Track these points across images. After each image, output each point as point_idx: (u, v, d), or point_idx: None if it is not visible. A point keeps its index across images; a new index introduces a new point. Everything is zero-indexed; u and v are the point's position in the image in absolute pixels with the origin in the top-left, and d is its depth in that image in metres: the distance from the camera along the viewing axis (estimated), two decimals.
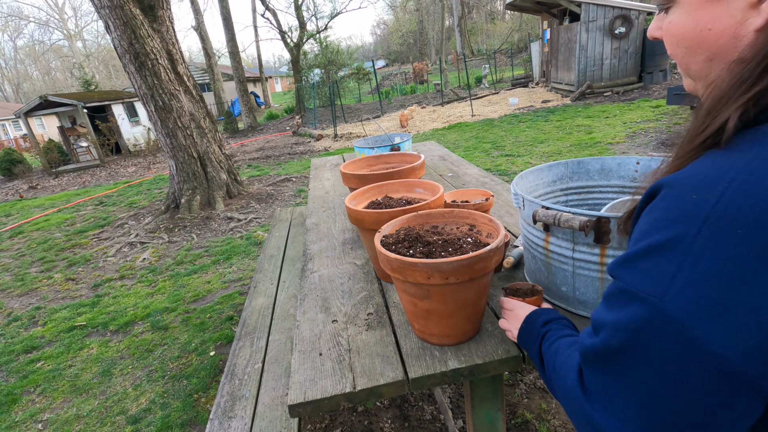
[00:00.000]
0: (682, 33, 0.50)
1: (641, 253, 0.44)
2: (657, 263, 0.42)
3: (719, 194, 0.40)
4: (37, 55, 52.33)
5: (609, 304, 0.48)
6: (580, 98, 9.95)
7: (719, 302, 0.38)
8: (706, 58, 0.49)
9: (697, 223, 0.40)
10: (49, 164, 11.62)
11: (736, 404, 0.39)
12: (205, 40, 17.06)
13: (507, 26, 33.92)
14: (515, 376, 2.18)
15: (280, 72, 49.33)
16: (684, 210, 0.42)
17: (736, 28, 0.45)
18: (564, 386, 0.58)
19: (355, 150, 2.29)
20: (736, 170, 0.40)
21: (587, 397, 0.50)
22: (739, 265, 0.37)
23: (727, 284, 0.38)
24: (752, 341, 0.37)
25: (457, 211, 1.08)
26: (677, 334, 0.40)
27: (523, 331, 0.81)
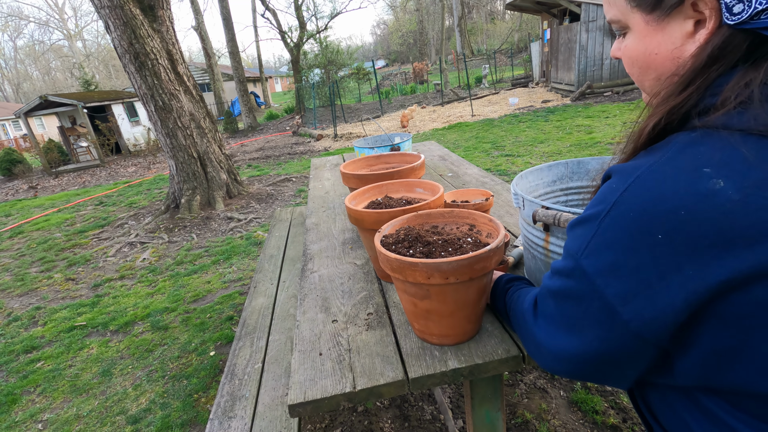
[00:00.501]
0: (635, 55, 0.60)
1: (578, 221, 0.58)
2: (582, 230, 0.56)
3: (627, 185, 0.51)
4: (37, 55, 52.33)
5: (561, 258, 0.62)
6: (580, 98, 9.95)
7: (614, 264, 0.51)
8: (655, 77, 0.58)
9: (609, 204, 0.52)
10: (49, 164, 11.62)
11: (623, 341, 0.53)
12: (205, 40, 17.06)
13: (507, 26, 33.92)
14: (515, 376, 2.18)
15: (280, 72, 49.33)
16: (606, 194, 0.54)
17: (676, 52, 0.54)
18: (519, 314, 0.76)
19: (355, 150, 2.29)
20: (643, 168, 0.51)
21: (535, 320, 0.67)
22: (627, 239, 0.50)
23: (620, 252, 0.51)
24: (632, 295, 0.50)
25: (457, 211, 1.08)
26: (587, 282, 0.54)
27: (492, 291, 0.98)
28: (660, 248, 0.48)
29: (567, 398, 2.02)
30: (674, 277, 0.47)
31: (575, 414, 1.92)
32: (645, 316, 0.50)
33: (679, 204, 0.46)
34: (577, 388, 2.07)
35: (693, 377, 0.52)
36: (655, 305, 0.49)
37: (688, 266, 0.46)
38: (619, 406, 1.93)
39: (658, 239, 0.48)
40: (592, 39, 9.60)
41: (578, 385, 2.08)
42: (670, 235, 0.47)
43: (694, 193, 0.46)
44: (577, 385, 2.09)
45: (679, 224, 0.46)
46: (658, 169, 0.50)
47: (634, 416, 1.86)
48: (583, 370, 0.60)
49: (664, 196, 0.48)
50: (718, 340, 0.48)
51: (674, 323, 0.49)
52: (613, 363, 0.56)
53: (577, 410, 1.94)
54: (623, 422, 1.84)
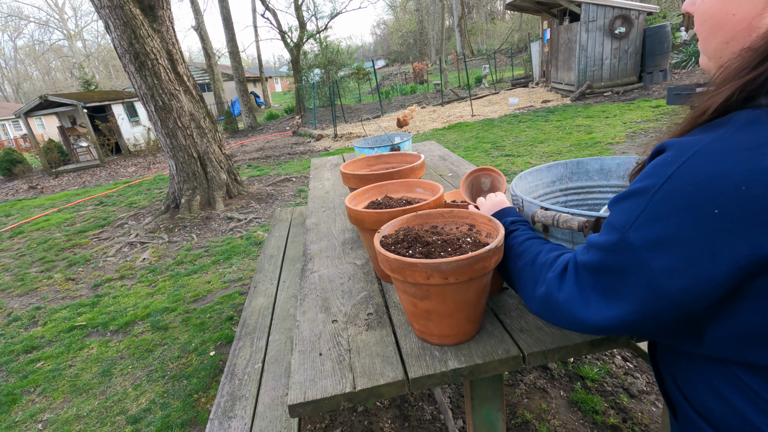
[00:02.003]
0: (710, 12, 0.58)
1: (625, 195, 0.58)
2: (630, 204, 0.56)
3: (685, 159, 0.51)
4: (37, 55, 52.32)
5: (601, 232, 0.62)
6: (580, 98, 9.94)
7: (664, 237, 0.51)
8: (724, 40, 0.57)
9: (663, 178, 0.52)
10: (49, 164, 11.62)
11: (663, 311, 0.54)
12: (205, 40, 17.06)
13: (507, 26, 33.91)
14: (515, 376, 2.18)
15: (280, 72, 49.31)
16: (659, 167, 0.54)
17: (755, 19, 0.53)
18: (538, 277, 0.74)
19: (355, 150, 2.29)
20: (703, 143, 0.51)
21: (561, 287, 0.67)
22: (681, 213, 0.50)
23: (672, 225, 0.51)
24: (680, 269, 0.51)
25: (456, 211, 1.08)
26: (633, 255, 0.54)
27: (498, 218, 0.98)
28: (714, 223, 0.48)
29: (567, 398, 2.02)
30: (724, 252, 0.48)
31: (575, 414, 1.92)
32: (691, 290, 0.51)
33: (740, 180, 0.46)
34: (577, 388, 2.07)
35: (724, 348, 0.53)
36: (702, 279, 0.50)
37: (742, 242, 0.47)
38: (619, 406, 1.93)
39: (713, 214, 0.48)
40: (592, 39, 9.60)
41: (578, 384, 2.09)
42: (727, 211, 0.47)
43: (755, 169, 0.46)
44: (577, 385, 2.09)
45: (737, 200, 0.46)
46: (719, 144, 0.49)
47: (634, 416, 1.87)
48: (611, 332, 0.61)
49: (723, 171, 0.47)
50: (754, 316, 0.49)
51: (717, 297, 0.50)
52: (645, 327, 0.58)
53: (577, 410, 1.94)
54: (623, 422, 1.84)
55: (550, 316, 0.70)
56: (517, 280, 0.82)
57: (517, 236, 0.88)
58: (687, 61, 10.20)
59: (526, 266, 0.79)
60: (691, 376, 0.62)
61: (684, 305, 0.52)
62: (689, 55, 10.23)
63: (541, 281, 0.72)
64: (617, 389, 2.03)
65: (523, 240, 0.86)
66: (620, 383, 2.06)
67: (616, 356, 2.26)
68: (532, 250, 0.81)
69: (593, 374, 2.12)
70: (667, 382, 0.70)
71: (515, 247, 0.86)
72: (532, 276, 0.76)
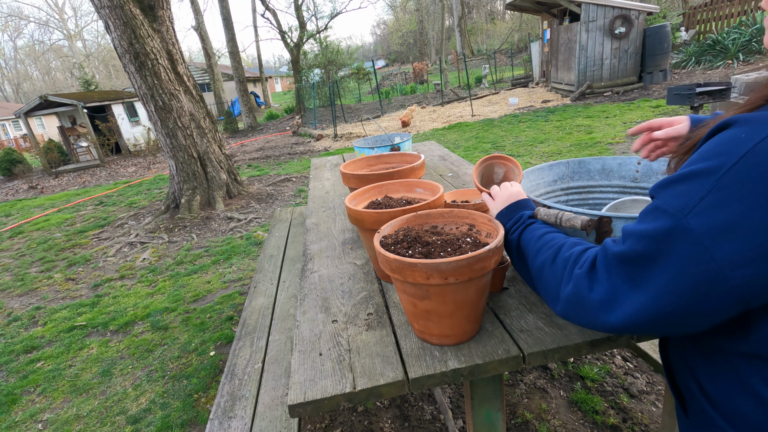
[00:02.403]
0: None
1: (680, 177, 0.52)
2: (690, 186, 0.51)
3: (763, 137, 0.46)
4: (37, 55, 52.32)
5: (641, 219, 0.57)
6: (580, 98, 9.94)
7: (731, 224, 0.46)
8: None
9: (736, 157, 0.47)
10: (49, 164, 11.62)
11: (720, 304, 0.49)
12: (205, 40, 17.05)
13: (507, 26, 33.90)
14: (515, 376, 2.18)
15: (280, 72, 49.31)
16: (728, 145, 0.49)
17: None
18: (562, 275, 0.68)
19: (355, 150, 2.29)
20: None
21: (591, 286, 0.61)
22: (756, 197, 0.45)
23: (744, 210, 0.46)
24: (748, 261, 0.46)
25: (456, 211, 1.08)
26: (691, 243, 0.49)
27: (505, 212, 0.95)
28: None
29: (567, 398, 2.01)
30: None
31: (575, 414, 1.92)
32: (756, 284, 0.46)
33: None
34: (577, 388, 2.07)
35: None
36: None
37: None
38: (619, 406, 1.93)
39: None
40: (592, 39, 9.60)
41: (578, 384, 2.08)
42: None
43: None
44: (577, 385, 2.09)
45: None
46: None
47: (634, 416, 1.86)
48: (648, 329, 0.56)
49: None
50: None
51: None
52: (689, 322, 0.53)
53: (577, 410, 1.94)
54: (623, 422, 1.84)
55: (580, 318, 0.64)
56: (538, 278, 0.76)
57: (535, 230, 0.83)
58: (687, 61, 10.19)
59: (547, 263, 0.73)
60: (718, 372, 0.58)
61: (745, 299, 0.48)
62: (689, 55, 10.23)
63: (567, 279, 0.66)
64: (617, 389, 2.03)
65: (541, 234, 0.80)
66: (620, 383, 2.06)
67: (616, 356, 2.26)
68: (553, 244, 0.75)
69: (593, 374, 2.12)
70: (682, 377, 0.67)
71: (533, 242, 0.80)
72: (555, 274, 0.70)
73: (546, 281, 0.73)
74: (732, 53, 9.40)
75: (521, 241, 0.85)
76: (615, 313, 0.57)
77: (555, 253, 0.73)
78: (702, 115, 1.26)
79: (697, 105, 4.55)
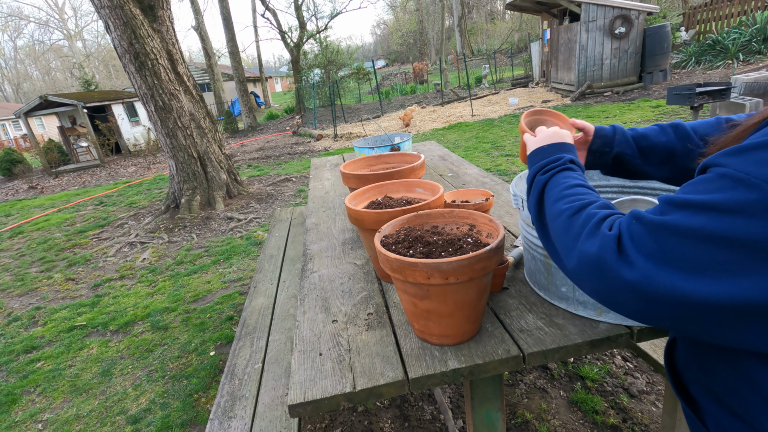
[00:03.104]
0: None
1: (762, 144, 0.45)
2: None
3: None
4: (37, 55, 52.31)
5: (698, 188, 0.49)
6: (580, 98, 9.94)
7: None
8: None
9: None
10: (49, 164, 11.62)
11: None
12: (205, 40, 17.06)
13: (507, 26, 33.90)
14: (515, 376, 2.18)
15: (280, 72, 49.30)
16: None
17: None
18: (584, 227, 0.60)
19: (355, 150, 2.29)
20: None
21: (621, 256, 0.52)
22: None
23: None
24: None
25: (457, 211, 1.08)
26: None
27: (546, 149, 0.82)
28: None
29: (567, 398, 2.02)
30: None
31: (575, 414, 1.92)
32: None
33: None
34: (577, 388, 2.07)
35: None
36: None
37: None
38: (619, 406, 1.93)
39: None
40: (592, 39, 9.60)
41: (578, 384, 2.09)
42: None
43: None
44: (577, 385, 2.09)
45: None
46: None
47: (634, 416, 1.86)
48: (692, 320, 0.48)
49: None
50: None
51: None
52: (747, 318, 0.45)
53: (577, 410, 1.94)
54: (623, 422, 1.84)
55: (595, 284, 0.56)
56: (552, 224, 0.68)
57: (571, 177, 0.73)
58: (687, 61, 10.19)
59: (568, 211, 0.65)
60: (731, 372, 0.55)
61: None
62: (689, 55, 10.23)
63: (591, 235, 0.57)
64: (617, 389, 2.03)
65: (575, 183, 0.71)
66: (620, 383, 2.06)
67: (616, 356, 2.26)
68: (584, 197, 0.67)
69: (593, 374, 2.12)
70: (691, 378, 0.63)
71: (561, 188, 0.71)
72: (574, 226, 0.62)
73: (561, 230, 0.64)
74: (732, 53, 9.40)
75: (549, 183, 0.75)
76: (644, 299, 0.50)
77: (582, 206, 0.64)
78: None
79: (697, 105, 4.56)
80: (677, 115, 6.94)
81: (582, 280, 0.58)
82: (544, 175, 0.77)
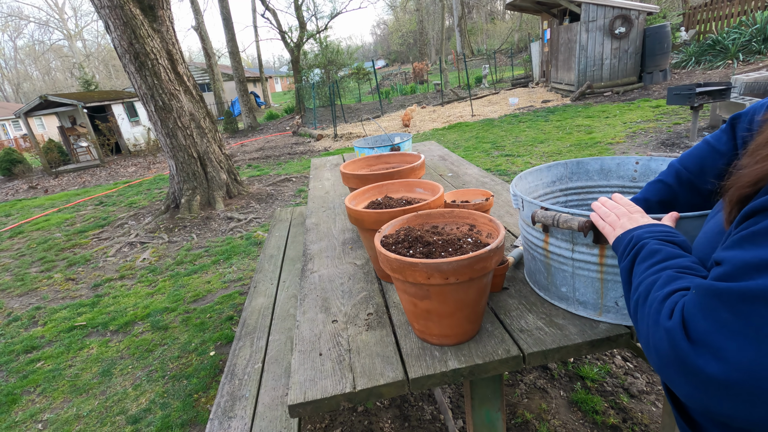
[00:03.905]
0: None
1: None
2: None
3: None
4: (37, 55, 52.31)
5: (762, 241, 0.41)
6: (580, 98, 9.94)
7: None
8: None
9: None
10: (49, 164, 11.62)
11: None
12: (205, 40, 17.05)
13: (507, 26, 33.90)
14: (515, 376, 2.18)
15: (280, 72, 49.29)
16: None
17: None
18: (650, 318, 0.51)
19: (355, 150, 2.29)
20: None
21: (692, 343, 0.44)
22: None
23: None
24: None
25: (457, 211, 1.08)
26: None
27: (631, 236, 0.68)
28: None
29: (567, 398, 2.02)
30: None
31: (575, 414, 1.92)
32: None
33: None
34: (577, 388, 2.07)
35: None
36: None
37: None
38: (619, 406, 1.93)
39: None
40: (592, 39, 9.60)
41: (578, 384, 2.09)
42: None
43: None
44: (577, 385, 2.09)
45: None
46: None
47: (634, 416, 1.86)
48: None
49: None
50: None
51: None
52: None
53: (577, 410, 1.94)
54: (623, 422, 1.84)
55: (688, 388, 0.44)
56: (633, 321, 0.59)
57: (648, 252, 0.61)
58: (687, 61, 10.19)
59: (640, 300, 0.56)
60: None
61: None
62: (689, 55, 10.23)
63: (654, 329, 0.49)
64: (617, 389, 2.03)
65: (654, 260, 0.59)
66: (620, 383, 2.06)
67: (616, 356, 2.26)
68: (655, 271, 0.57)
69: (593, 374, 2.12)
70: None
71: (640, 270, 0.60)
72: (646, 317, 0.53)
73: (639, 326, 0.55)
74: (732, 53, 9.40)
75: (634, 269, 0.63)
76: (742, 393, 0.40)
77: (649, 287, 0.54)
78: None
79: (697, 105, 4.56)
80: (677, 115, 6.94)
81: (674, 383, 0.47)
82: (628, 259, 0.66)
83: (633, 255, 0.63)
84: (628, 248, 0.66)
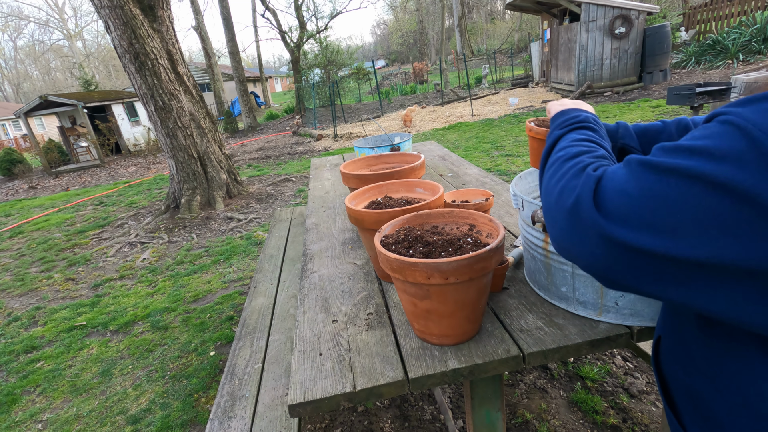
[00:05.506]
0: None
1: (764, 97, 0.43)
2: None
3: None
4: (37, 55, 52.31)
5: (695, 135, 0.46)
6: (580, 98, 9.94)
7: None
8: None
9: None
10: (49, 164, 11.62)
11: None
12: (205, 40, 17.06)
13: (507, 26, 33.90)
14: (515, 376, 2.18)
15: (280, 72, 49.30)
16: None
17: None
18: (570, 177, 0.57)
19: (355, 150, 2.29)
20: None
21: (599, 208, 0.50)
22: None
23: None
24: None
25: (457, 211, 1.08)
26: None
27: (567, 111, 0.80)
28: None
29: (567, 398, 2.02)
30: None
31: (575, 414, 1.92)
32: None
33: None
34: (577, 388, 2.07)
35: None
36: None
37: None
38: (619, 406, 1.93)
39: None
40: (592, 39, 9.60)
41: (578, 384, 2.09)
42: None
43: None
44: (577, 385, 2.09)
45: None
46: None
47: (634, 416, 1.86)
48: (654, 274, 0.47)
49: None
50: None
51: None
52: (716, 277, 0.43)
53: (577, 410, 1.94)
54: (623, 422, 1.84)
55: (567, 223, 0.53)
56: (546, 173, 0.65)
57: (583, 132, 0.70)
58: (687, 61, 10.19)
59: (563, 158, 0.62)
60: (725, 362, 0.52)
61: None
62: (689, 55, 10.23)
63: (576, 175, 0.55)
64: (617, 389, 2.03)
65: (584, 138, 0.68)
66: (620, 383, 2.06)
67: (616, 356, 2.26)
68: (585, 146, 0.64)
69: (593, 374, 2.12)
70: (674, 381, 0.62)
71: (568, 140, 0.69)
72: (565, 167, 0.59)
73: (550, 175, 0.62)
74: (732, 53, 9.40)
75: (562, 138, 0.72)
76: (607, 243, 0.48)
77: (579, 153, 0.61)
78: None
79: (697, 105, 4.56)
80: (677, 115, 6.94)
81: (553, 221, 0.55)
82: (559, 131, 0.75)
83: (571, 128, 0.72)
84: (570, 120, 0.75)
